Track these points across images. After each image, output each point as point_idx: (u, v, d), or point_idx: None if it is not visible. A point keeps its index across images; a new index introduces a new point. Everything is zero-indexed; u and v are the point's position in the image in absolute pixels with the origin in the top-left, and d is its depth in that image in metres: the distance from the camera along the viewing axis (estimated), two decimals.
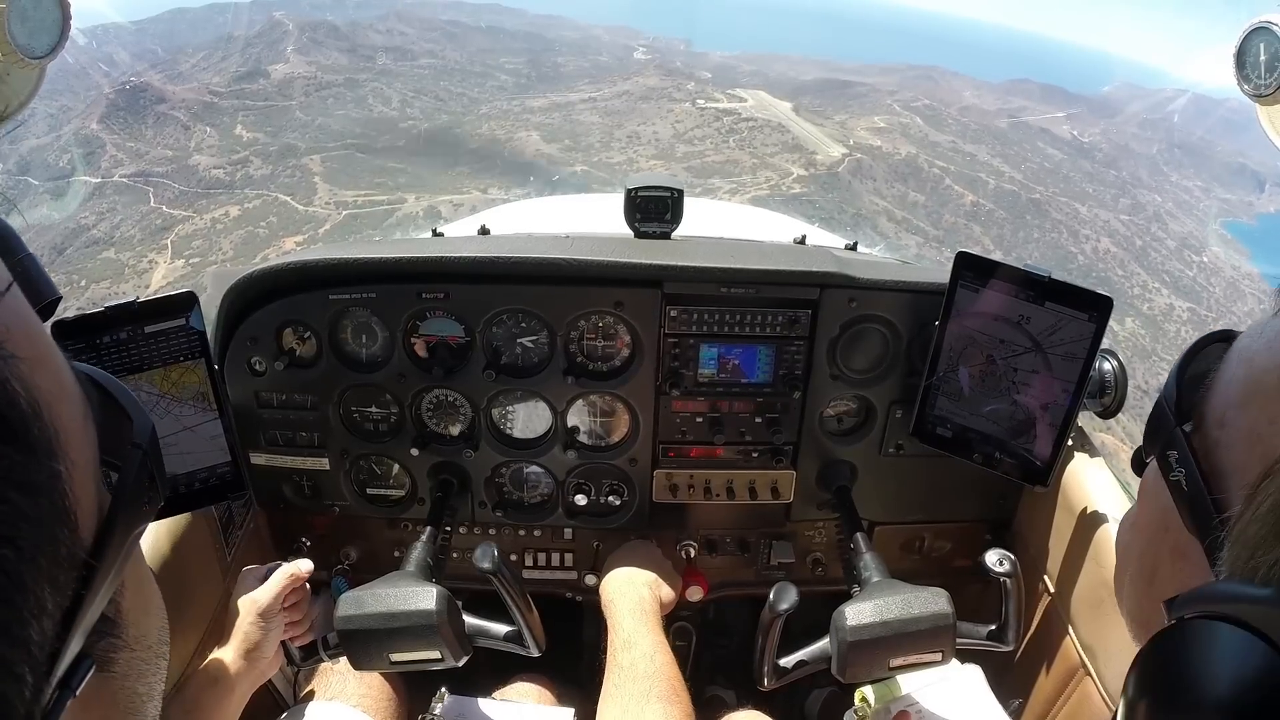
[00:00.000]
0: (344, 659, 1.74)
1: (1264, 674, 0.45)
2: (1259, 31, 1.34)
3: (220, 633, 1.70)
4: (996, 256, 1.75)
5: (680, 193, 2.10)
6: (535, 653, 1.78)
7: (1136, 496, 0.77)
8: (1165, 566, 0.67)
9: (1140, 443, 0.73)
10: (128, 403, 0.54)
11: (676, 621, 2.46)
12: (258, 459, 2.06)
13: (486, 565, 1.67)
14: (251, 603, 1.70)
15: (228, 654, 1.65)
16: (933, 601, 1.68)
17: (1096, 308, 1.66)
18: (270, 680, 2.08)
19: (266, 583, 1.74)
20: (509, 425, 2.10)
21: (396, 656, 1.69)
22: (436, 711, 1.88)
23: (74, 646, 0.44)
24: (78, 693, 0.44)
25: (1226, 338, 0.66)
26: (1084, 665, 1.84)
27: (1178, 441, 0.64)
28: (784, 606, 1.69)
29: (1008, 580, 1.72)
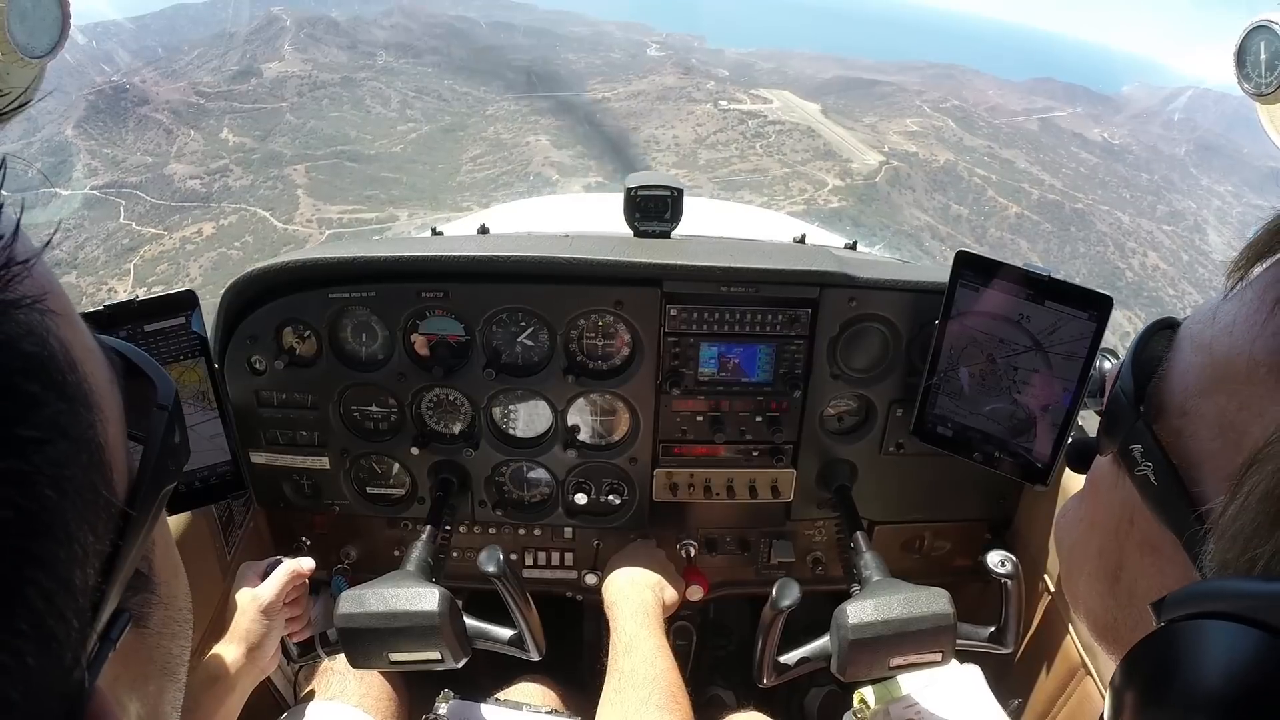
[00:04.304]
0: (341, 656, 1.81)
1: (1274, 668, 0.44)
2: (1259, 30, 1.40)
3: (220, 632, 1.76)
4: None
5: (680, 192, 2.17)
6: (536, 657, 1.85)
7: (1082, 492, 0.80)
8: (1133, 563, 0.67)
9: None
10: (151, 369, 0.58)
11: (676, 621, 2.54)
12: (258, 458, 2.15)
13: (492, 569, 1.74)
14: (254, 599, 1.77)
15: (229, 651, 1.71)
16: (934, 601, 1.74)
17: (1096, 307, 1.70)
18: (271, 680, 2.16)
19: (269, 580, 1.81)
20: (509, 424, 2.18)
21: (396, 656, 1.75)
22: (440, 712, 1.94)
23: (113, 599, 0.46)
24: (117, 645, 0.46)
25: (1170, 325, 0.69)
26: (1085, 665, 1.91)
27: (1142, 435, 0.64)
28: (786, 603, 1.76)
29: (1009, 582, 1.79)
